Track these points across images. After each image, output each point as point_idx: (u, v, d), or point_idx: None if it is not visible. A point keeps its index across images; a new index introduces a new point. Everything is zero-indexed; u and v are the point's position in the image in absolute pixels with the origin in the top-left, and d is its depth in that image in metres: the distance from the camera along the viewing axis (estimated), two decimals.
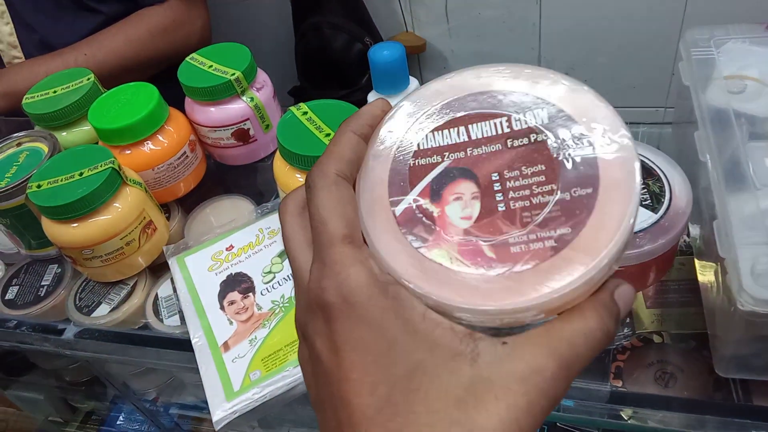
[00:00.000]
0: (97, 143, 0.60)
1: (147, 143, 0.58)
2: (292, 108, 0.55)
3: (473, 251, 0.23)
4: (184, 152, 0.60)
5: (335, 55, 1.21)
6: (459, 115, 0.26)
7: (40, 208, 0.51)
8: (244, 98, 0.61)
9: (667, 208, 0.44)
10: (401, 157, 0.26)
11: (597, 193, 0.23)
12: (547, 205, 0.23)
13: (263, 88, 0.62)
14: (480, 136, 0.25)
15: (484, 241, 0.23)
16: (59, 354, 0.55)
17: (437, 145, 0.26)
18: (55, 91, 0.63)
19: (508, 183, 0.24)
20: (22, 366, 0.76)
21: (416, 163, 0.26)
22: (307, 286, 0.23)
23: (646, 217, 0.43)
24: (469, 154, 0.25)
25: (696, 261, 0.50)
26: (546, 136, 0.25)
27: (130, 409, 0.82)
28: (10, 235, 0.60)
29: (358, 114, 0.27)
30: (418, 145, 0.26)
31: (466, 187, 0.24)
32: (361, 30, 1.21)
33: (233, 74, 0.59)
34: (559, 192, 0.23)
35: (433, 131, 0.26)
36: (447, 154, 0.25)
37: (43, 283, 0.60)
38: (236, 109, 0.61)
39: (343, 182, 0.25)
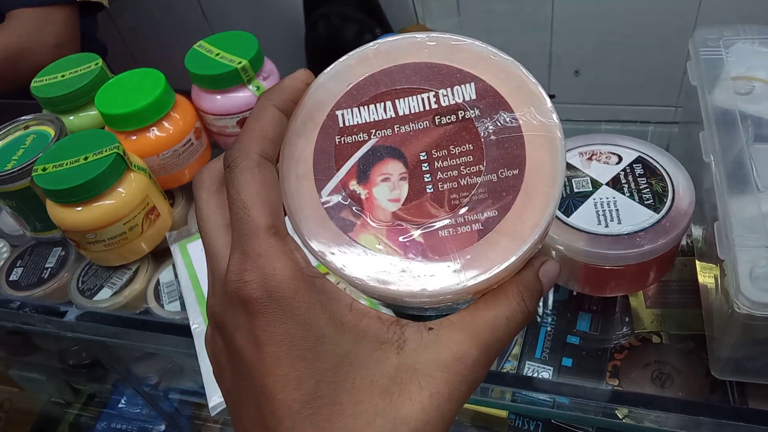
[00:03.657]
0: (103, 128, 0.60)
1: (152, 129, 0.58)
2: None
3: (401, 235, 0.23)
4: (189, 139, 0.60)
5: (345, 45, 1.20)
6: (385, 89, 0.25)
7: (44, 191, 0.52)
8: (250, 87, 0.61)
9: (669, 208, 0.43)
10: (326, 135, 0.25)
11: (523, 174, 0.23)
12: (475, 187, 0.23)
13: (270, 78, 0.62)
14: (407, 113, 0.24)
15: (412, 225, 0.23)
16: (61, 336, 0.55)
17: (363, 121, 0.25)
18: (63, 75, 0.64)
19: (436, 163, 0.24)
20: (25, 346, 0.77)
21: (342, 141, 0.24)
22: (226, 277, 0.22)
23: (647, 217, 0.43)
24: (396, 132, 0.24)
25: (697, 262, 0.49)
26: (473, 113, 0.24)
27: (132, 393, 0.83)
28: (15, 217, 0.61)
29: (280, 87, 0.25)
30: (344, 121, 0.25)
31: (394, 168, 0.24)
32: (372, 21, 1.20)
33: (240, 63, 0.59)
34: (486, 173, 0.23)
35: (359, 106, 0.25)
36: (374, 131, 0.24)
37: (47, 266, 0.61)
38: (242, 97, 0.61)
39: (267, 164, 0.23)
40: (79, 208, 0.52)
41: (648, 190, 0.45)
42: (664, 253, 0.43)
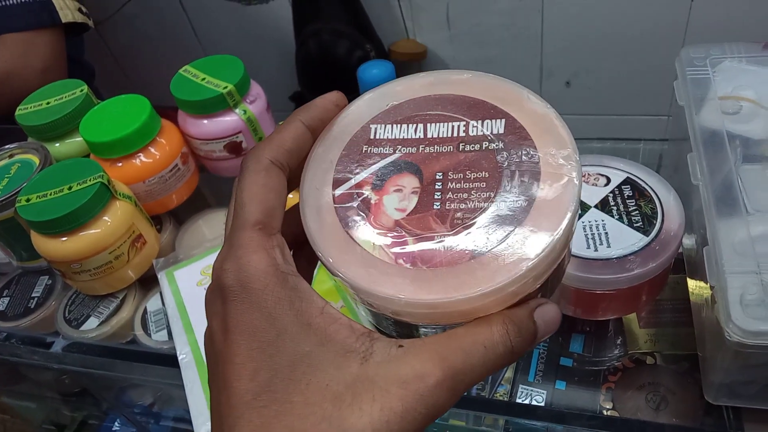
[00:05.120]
0: (89, 155, 0.60)
1: (138, 156, 0.58)
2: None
3: (397, 242, 0.24)
4: (176, 165, 0.60)
5: (336, 61, 1.20)
6: (420, 112, 0.27)
7: (28, 222, 0.51)
8: (237, 111, 0.60)
9: (659, 231, 0.43)
10: (355, 142, 0.26)
11: (530, 209, 0.23)
12: (479, 210, 0.23)
13: (256, 101, 0.62)
14: (435, 136, 0.26)
15: (410, 235, 0.24)
16: (48, 367, 0.55)
17: (393, 137, 0.26)
18: (48, 102, 0.63)
19: (449, 184, 0.24)
20: (14, 375, 0.76)
21: (368, 150, 0.26)
22: (214, 265, 0.24)
23: (636, 240, 0.43)
24: (420, 151, 0.26)
25: (689, 280, 0.49)
26: (497, 145, 0.25)
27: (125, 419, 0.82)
28: (1, 247, 0.60)
29: (310, 105, 0.27)
30: (375, 133, 0.27)
31: (409, 181, 0.25)
32: (362, 37, 1.20)
33: (226, 87, 0.59)
34: (494, 201, 0.24)
35: (392, 123, 0.27)
36: (400, 147, 0.26)
37: (33, 295, 0.60)
38: (229, 121, 0.60)
39: (275, 170, 0.25)
40: (64, 239, 0.51)
41: (637, 212, 0.44)
42: (655, 276, 0.42)
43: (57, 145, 0.62)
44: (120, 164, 0.58)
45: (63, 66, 0.89)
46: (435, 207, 0.24)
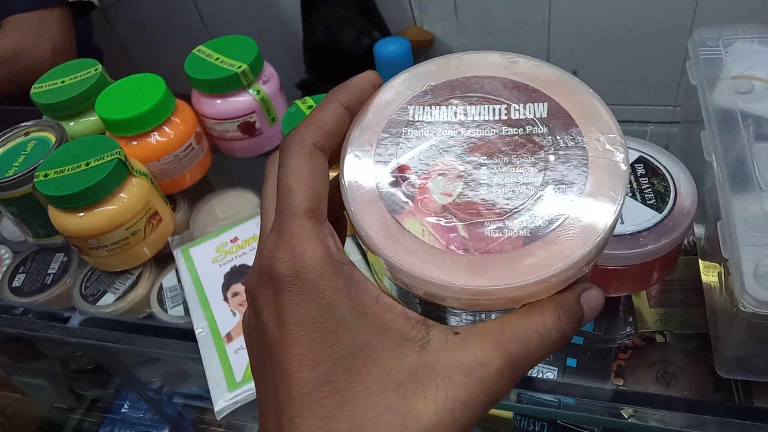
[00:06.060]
0: (104, 133, 0.60)
1: (153, 134, 0.58)
2: (297, 101, 0.55)
3: (446, 228, 0.23)
4: (190, 144, 0.60)
5: (343, 48, 1.21)
6: (460, 94, 0.26)
7: (46, 197, 0.52)
8: (250, 91, 0.61)
9: (672, 208, 0.43)
10: (394, 124, 0.26)
11: (580, 194, 0.23)
12: (528, 196, 0.23)
13: (269, 81, 0.62)
14: (476, 119, 0.25)
15: (459, 221, 0.23)
16: (64, 341, 0.55)
17: (432, 119, 0.26)
18: (63, 81, 0.64)
19: (495, 168, 0.24)
20: (28, 352, 0.77)
21: (408, 132, 0.26)
22: (262, 253, 0.23)
23: (650, 217, 0.43)
24: (461, 134, 0.25)
25: (700, 261, 0.50)
26: (541, 129, 0.25)
27: (135, 397, 0.83)
28: (17, 224, 0.61)
29: (347, 85, 0.26)
30: (414, 115, 0.26)
31: (453, 165, 0.24)
32: (369, 24, 1.20)
33: (240, 67, 0.59)
34: (543, 186, 0.23)
35: (431, 105, 0.26)
36: (440, 130, 0.25)
37: (49, 271, 0.61)
38: (242, 101, 0.61)
39: (319, 153, 0.24)
40: (81, 214, 0.52)
41: (650, 189, 0.45)
42: (667, 252, 0.43)
43: (72, 123, 0.63)
44: (135, 143, 0.58)
45: (73, 45, 0.89)
46: (482, 191, 0.24)
